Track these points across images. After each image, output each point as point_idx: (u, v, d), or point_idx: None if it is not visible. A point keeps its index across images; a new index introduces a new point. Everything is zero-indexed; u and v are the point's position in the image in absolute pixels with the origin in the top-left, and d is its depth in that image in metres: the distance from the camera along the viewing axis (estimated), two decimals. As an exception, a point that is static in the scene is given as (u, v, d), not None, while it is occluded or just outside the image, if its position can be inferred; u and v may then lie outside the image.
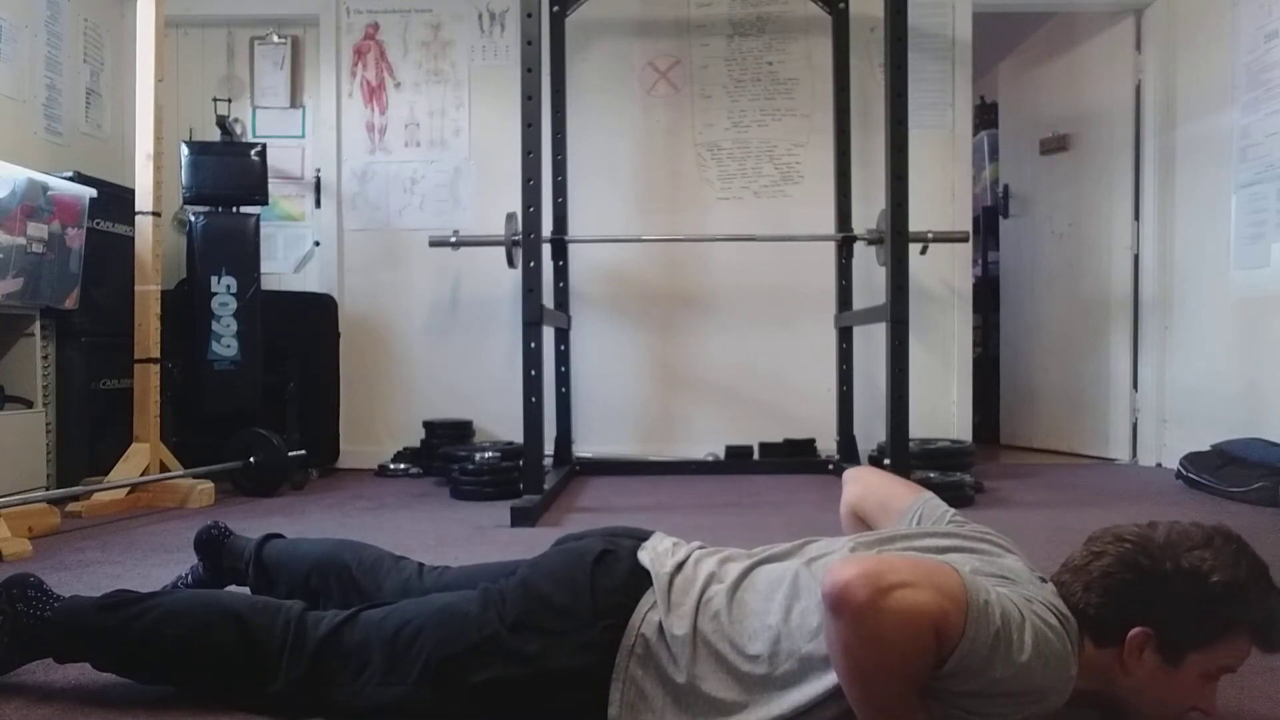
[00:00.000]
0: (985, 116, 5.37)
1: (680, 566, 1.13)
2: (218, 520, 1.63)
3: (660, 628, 1.07)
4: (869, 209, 3.78)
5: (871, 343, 3.74)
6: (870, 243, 3.73)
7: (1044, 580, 1.10)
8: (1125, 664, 1.04)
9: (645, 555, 1.15)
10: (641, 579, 1.12)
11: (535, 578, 1.15)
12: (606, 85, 4.10)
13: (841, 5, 3.87)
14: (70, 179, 3.04)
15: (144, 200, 3.12)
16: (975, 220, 4.81)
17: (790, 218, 4.01)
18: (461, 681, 1.09)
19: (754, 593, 1.09)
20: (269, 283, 3.84)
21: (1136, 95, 4.09)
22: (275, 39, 4.15)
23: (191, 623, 1.22)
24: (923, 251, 3.62)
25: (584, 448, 4.02)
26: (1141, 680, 1.04)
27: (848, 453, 3.82)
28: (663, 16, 4.11)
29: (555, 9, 3.80)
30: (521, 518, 2.65)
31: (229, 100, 3.99)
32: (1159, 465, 3.96)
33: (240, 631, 1.19)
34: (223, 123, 3.81)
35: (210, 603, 1.28)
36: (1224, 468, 3.17)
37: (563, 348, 3.92)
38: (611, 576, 1.13)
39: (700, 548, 1.20)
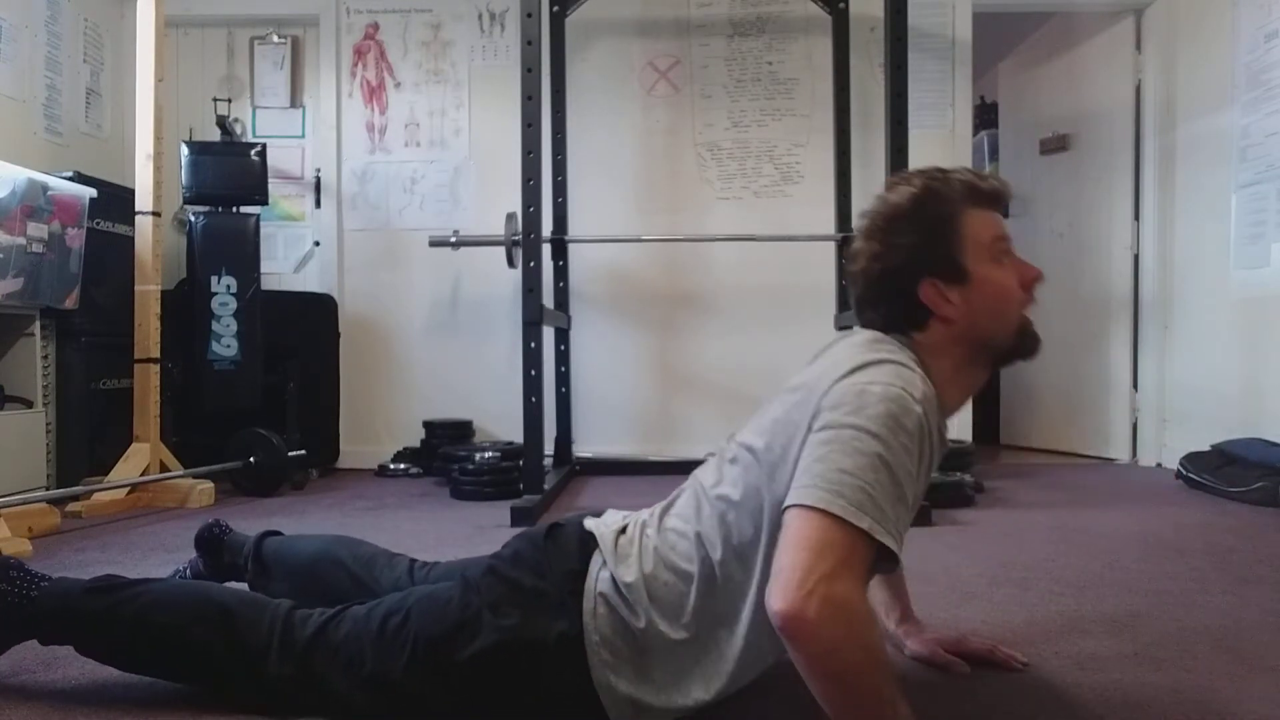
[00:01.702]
0: (985, 116, 5.36)
1: (624, 529, 1.18)
2: (218, 519, 1.65)
3: (613, 581, 1.10)
4: (869, 209, 3.77)
5: (871, 343, 3.73)
6: (870, 243, 3.72)
7: (856, 328, 1.19)
8: (947, 317, 1.10)
9: (590, 522, 1.20)
10: (589, 543, 1.16)
11: (501, 566, 1.18)
12: (606, 85, 4.10)
13: (841, 5, 3.87)
14: (70, 179, 3.04)
15: (144, 200, 3.13)
16: (975, 220, 4.80)
17: (790, 217, 4.01)
18: (449, 660, 1.11)
19: (675, 517, 1.16)
20: (269, 283, 3.84)
21: (1136, 95, 4.09)
22: (275, 39, 4.15)
23: (179, 612, 1.22)
24: (923, 251, 3.62)
25: (584, 448, 4.02)
26: (968, 313, 1.10)
27: (848, 453, 3.81)
28: (663, 16, 4.12)
29: (555, 9, 3.80)
30: (521, 518, 2.65)
31: (229, 100, 4.00)
32: (1159, 465, 3.96)
33: (226, 626, 1.19)
34: (223, 123, 3.82)
35: (199, 593, 1.28)
36: (1224, 468, 3.17)
37: (563, 347, 3.93)
38: (561, 547, 1.17)
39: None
